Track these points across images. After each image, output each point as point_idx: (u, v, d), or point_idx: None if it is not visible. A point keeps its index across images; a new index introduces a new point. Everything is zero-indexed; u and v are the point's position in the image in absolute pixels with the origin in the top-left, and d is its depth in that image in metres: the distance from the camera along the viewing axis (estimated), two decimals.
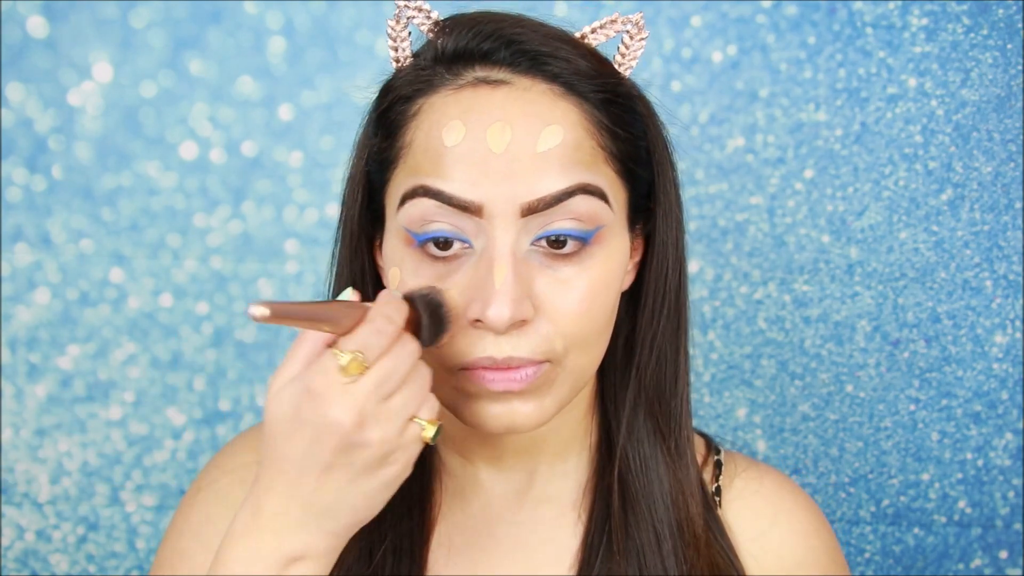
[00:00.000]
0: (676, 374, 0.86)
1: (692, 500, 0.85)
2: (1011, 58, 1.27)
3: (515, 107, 0.75)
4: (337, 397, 0.67)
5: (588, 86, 0.78)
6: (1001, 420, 1.32)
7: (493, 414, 0.77)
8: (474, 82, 0.77)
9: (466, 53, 0.78)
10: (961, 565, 1.34)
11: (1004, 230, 1.30)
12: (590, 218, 0.76)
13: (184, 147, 1.27)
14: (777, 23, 1.27)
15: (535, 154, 0.74)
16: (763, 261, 1.31)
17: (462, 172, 0.74)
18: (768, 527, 0.89)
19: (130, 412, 1.31)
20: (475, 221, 0.75)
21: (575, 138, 0.76)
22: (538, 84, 0.77)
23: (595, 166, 0.77)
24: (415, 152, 0.77)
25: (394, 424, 0.69)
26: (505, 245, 0.74)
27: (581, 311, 0.76)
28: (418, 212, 0.76)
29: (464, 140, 0.74)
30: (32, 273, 1.28)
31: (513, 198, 0.74)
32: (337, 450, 0.68)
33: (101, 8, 1.23)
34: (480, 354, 0.75)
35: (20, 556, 1.32)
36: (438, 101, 0.77)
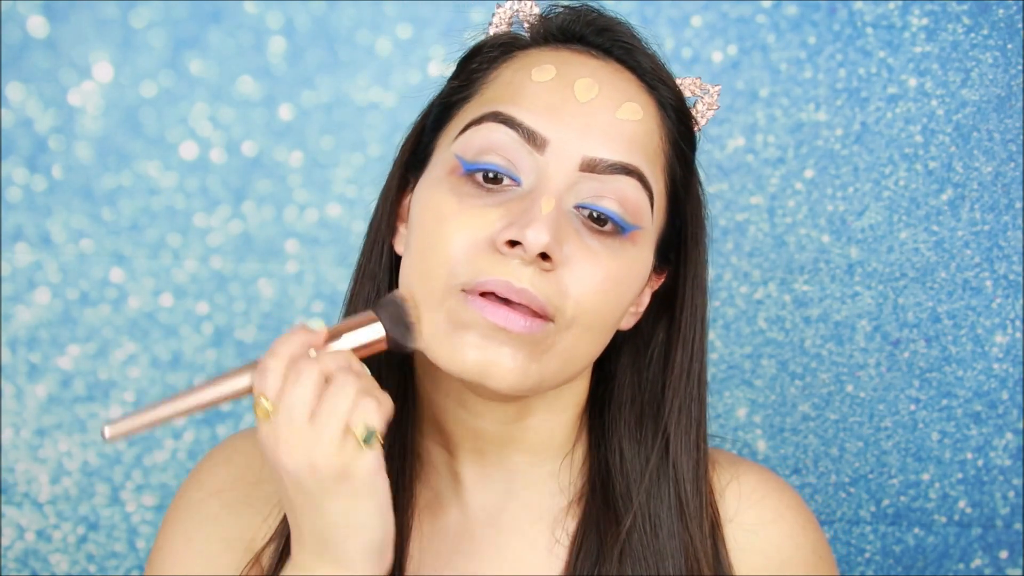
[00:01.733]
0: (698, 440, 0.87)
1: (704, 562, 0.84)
2: (1011, 58, 1.27)
3: (606, 75, 0.78)
4: (268, 442, 0.69)
5: (670, 96, 0.81)
6: (1001, 420, 1.32)
7: (476, 353, 0.74)
8: (574, 48, 0.80)
9: (566, 31, 0.81)
10: (961, 565, 1.34)
11: (1004, 230, 1.30)
12: (634, 211, 0.76)
13: (184, 147, 1.27)
14: (777, 23, 1.27)
15: (613, 117, 0.76)
16: (763, 261, 1.31)
17: (541, 105, 0.76)
18: (754, 524, 0.88)
19: (130, 412, 1.31)
20: (534, 157, 0.75)
21: (649, 127, 0.78)
22: (626, 72, 0.80)
23: (654, 164, 0.79)
24: (496, 87, 0.79)
25: (327, 442, 0.68)
26: (557, 186, 0.75)
27: (600, 287, 0.75)
28: (479, 138, 0.76)
29: (552, 80, 0.77)
30: (32, 273, 1.28)
31: (579, 147, 0.75)
32: (293, 485, 0.70)
33: (101, 8, 1.23)
34: (500, 275, 0.73)
35: (20, 556, 1.32)
36: (533, 51, 0.80)
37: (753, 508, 0.88)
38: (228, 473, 0.89)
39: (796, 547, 0.88)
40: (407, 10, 1.25)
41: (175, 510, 0.89)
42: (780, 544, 0.88)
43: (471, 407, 0.82)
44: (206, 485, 0.89)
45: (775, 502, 0.89)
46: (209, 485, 0.88)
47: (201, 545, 0.85)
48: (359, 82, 1.27)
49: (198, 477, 0.90)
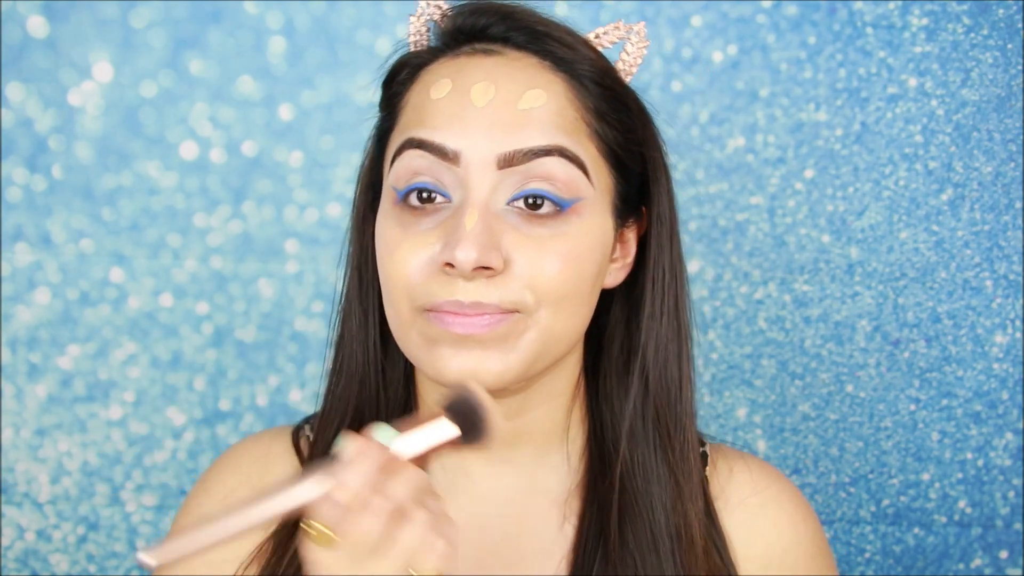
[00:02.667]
0: (680, 379, 0.87)
1: (691, 506, 0.85)
2: (1011, 58, 1.27)
3: (502, 71, 0.79)
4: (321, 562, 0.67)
5: (580, 67, 0.81)
6: (1001, 420, 1.32)
7: (455, 365, 0.76)
8: (469, 51, 0.81)
9: (465, 28, 0.82)
10: (961, 565, 1.35)
11: (1004, 230, 1.30)
12: (567, 185, 0.78)
13: (184, 147, 1.27)
14: (777, 23, 1.27)
15: (516, 111, 0.77)
16: (763, 261, 1.31)
17: (443, 121, 0.78)
18: (756, 517, 0.89)
19: (130, 412, 1.31)
20: (453, 171, 0.77)
21: (558, 106, 0.79)
22: (528, 57, 0.80)
23: (576, 136, 0.79)
24: (407, 112, 0.81)
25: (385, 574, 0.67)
26: (479, 195, 0.77)
27: (554, 270, 0.77)
28: (403, 166, 0.79)
29: (449, 94, 0.78)
30: (32, 273, 1.28)
31: (490, 148, 0.77)
32: None
33: (101, 8, 1.23)
34: (447, 297, 0.76)
35: (20, 556, 1.32)
36: (435, 67, 0.82)
37: (758, 495, 0.89)
38: (236, 480, 0.89)
39: (797, 537, 0.89)
40: (407, 10, 1.25)
41: (183, 516, 0.90)
42: (782, 532, 0.89)
43: None
44: (213, 493, 0.89)
45: (777, 492, 0.90)
46: (215, 492, 0.89)
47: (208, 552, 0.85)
48: (359, 82, 1.27)
49: (205, 485, 0.91)
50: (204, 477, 0.92)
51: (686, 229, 1.30)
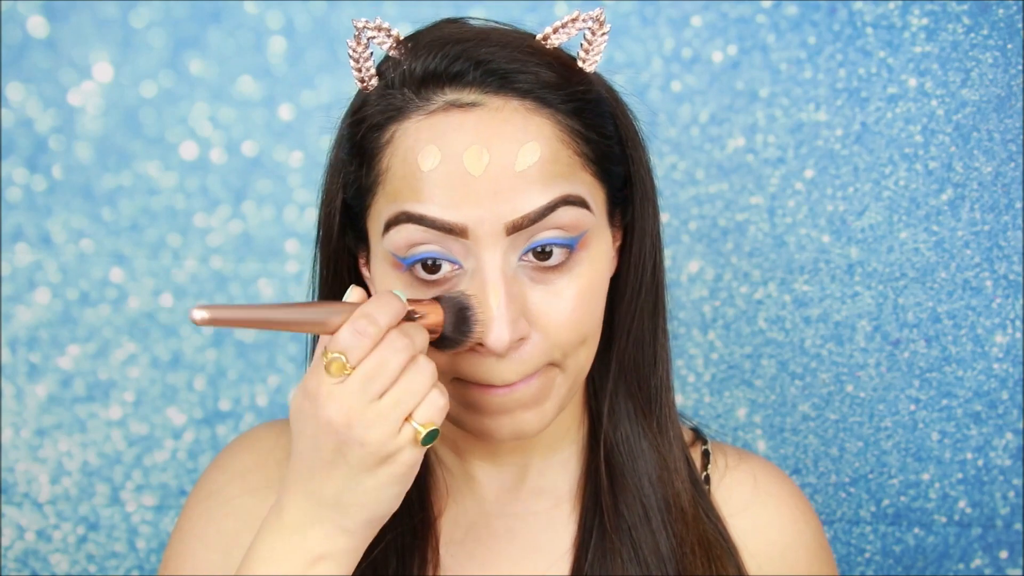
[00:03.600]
0: (655, 353, 0.87)
1: (676, 476, 0.86)
2: (1011, 58, 1.27)
3: (489, 129, 0.75)
4: (325, 398, 0.69)
5: (557, 97, 0.77)
6: (1001, 420, 1.32)
7: (498, 425, 0.77)
8: (445, 106, 0.76)
9: (435, 76, 0.76)
10: (961, 565, 1.34)
11: (1004, 230, 1.29)
12: (574, 226, 0.76)
13: (184, 147, 1.27)
14: (777, 23, 1.27)
15: (515, 173, 0.74)
16: (763, 261, 1.31)
17: (442, 195, 0.74)
18: (757, 513, 0.89)
19: (130, 412, 1.31)
20: (461, 243, 0.75)
21: (552, 151, 0.76)
22: (510, 102, 0.76)
23: (573, 175, 0.77)
24: (392, 179, 0.77)
25: (387, 425, 0.69)
26: (495, 267, 0.74)
27: (574, 320, 0.76)
28: (403, 238, 0.76)
29: (441, 164, 0.74)
30: (32, 273, 1.28)
31: (497, 218, 0.74)
32: (334, 448, 0.69)
33: (101, 8, 1.23)
34: (488, 381, 0.76)
35: (20, 556, 1.32)
36: (411, 127, 0.76)
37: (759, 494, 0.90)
38: (252, 459, 0.90)
39: (798, 534, 0.90)
40: (407, 10, 1.25)
41: (198, 492, 0.91)
42: (782, 531, 0.89)
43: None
44: (229, 469, 0.90)
45: (778, 491, 0.91)
46: (232, 469, 0.90)
47: (224, 525, 0.85)
48: None
49: (221, 462, 0.91)
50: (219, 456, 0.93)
51: (686, 229, 1.30)
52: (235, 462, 0.90)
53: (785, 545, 0.89)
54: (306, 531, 0.71)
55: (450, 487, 0.88)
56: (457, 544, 0.86)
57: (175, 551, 0.88)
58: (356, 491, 0.70)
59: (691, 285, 1.31)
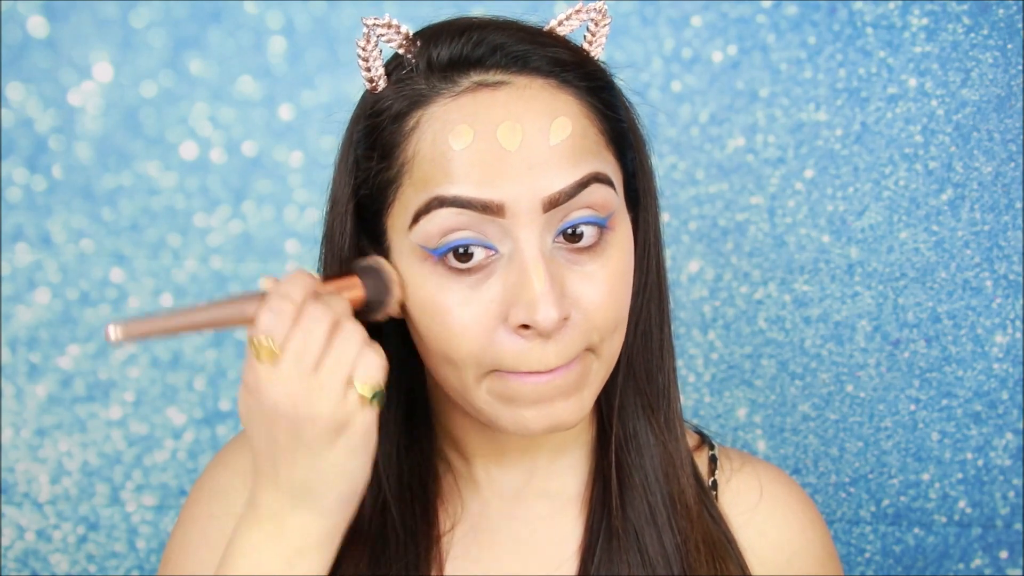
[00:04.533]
0: (661, 350, 0.86)
1: (682, 472, 0.86)
2: (1011, 58, 1.27)
3: (520, 104, 0.74)
4: (264, 385, 0.69)
5: (576, 75, 0.77)
6: (1001, 420, 1.32)
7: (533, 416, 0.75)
8: (472, 87, 0.74)
9: (460, 60, 0.75)
10: (961, 565, 1.34)
11: (1004, 230, 1.30)
12: (603, 206, 0.75)
13: (184, 147, 1.27)
14: (777, 23, 1.27)
15: (549, 147, 0.73)
16: (763, 261, 1.31)
17: (477, 173, 0.72)
18: (764, 519, 0.89)
19: (130, 412, 1.31)
20: (497, 223, 0.73)
21: (580, 127, 0.75)
22: (535, 80, 0.75)
23: (600, 153, 0.76)
24: (421, 165, 0.74)
25: (331, 394, 0.69)
26: (534, 245, 0.73)
27: (609, 302, 0.76)
28: (435, 225, 0.73)
29: (473, 142, 0.72)
30: (32, 273, 1.28)
31: (535, 194, 0.72)
32: (288, 432, 0.69)
33: (101, 8, 1.23)
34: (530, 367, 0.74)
35: (20, 556, 1.32)
36: (438, 111, 0.75)
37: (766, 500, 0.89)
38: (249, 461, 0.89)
39: (806, 541, 0.89)
40: (407, 10, 1.25)
41: (199, 489, 0.90)
42: (791, 536, 0.89)
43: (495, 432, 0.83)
44: (231, 466, 0.89)
45: (786, 497, 0.91)
46: (234, 466, 0.89)
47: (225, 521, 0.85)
48: (359, 82, 1.27)
49: (223, 459, 0.91)
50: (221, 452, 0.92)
51: (686, 229, 1.30)
52: (237, 459, 0.90)
53: (792, 552, 0.89)
54: (283, 521, 0.71)
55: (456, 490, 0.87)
56: (461, 548, 0.86)
57: (176, 549, 0.88)
58: (321, 469, 0.70)
59: (691, 285, 1.31)
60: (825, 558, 0.90)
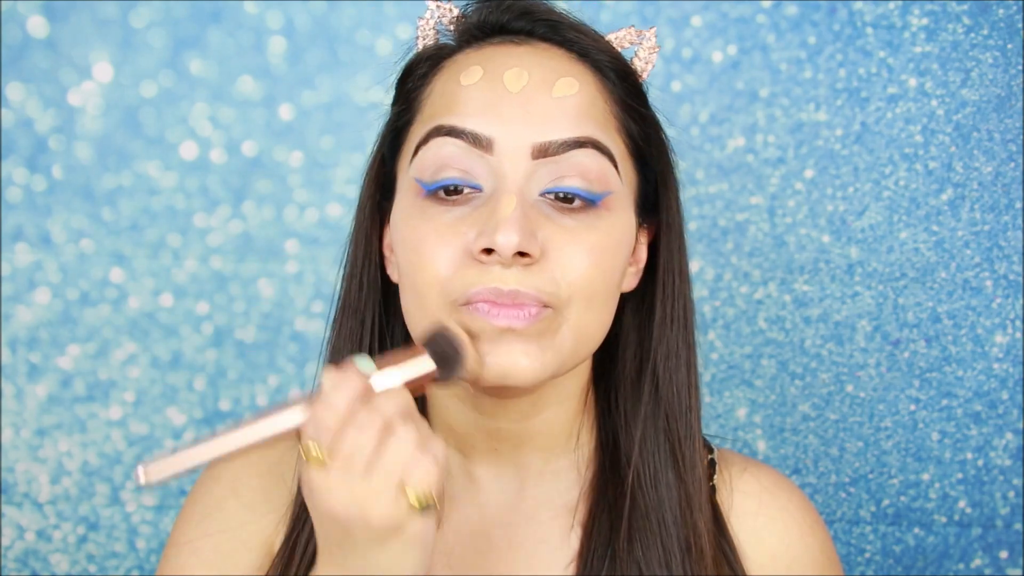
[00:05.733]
0: (689, 387, 0.86)
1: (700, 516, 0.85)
2: (1011, 58, 1.27)
3: (533, 59, 0.78)
4: (319, 490, 0.68)
5: (604, 60, 0.80)
6: (1001, 420, 1.32)
7: (492, 361, 0.75)
8: (496, 41, 0.80)
9: (487, 23, 0.81)
10: (961, 565, 1.34)
11: (1004, 230, 1.30)
12: (599, 178, 0.77)
13: (184, 147, 1.27)
14: (777, 23, 1.27)
15: (550, 98, 0.76)
16: (763, 261, 1.31)
17: (476, 107, 0.76)
18: (764, 524, 0.89)
19: (130, 412, 1.31)
20: (486, 160, 0.75)
21: (590, 95, 0.78)
22: (555, 48, 0.80)
23: (606, 129, 0.78)
24: (432, 100, 0.79)
25: (384, 499, 0.67)
26: (515, 182, 0.75)
27: (586, 263, 0.76)
28: (431, 156, 0.77)
29: (481, 80, 0.77)
30: (32, 273, 1.28)
31: (525, 137, 0.75)
32: (342, 533, 0.68)
33: (101, 8, 1.23)
34: (487, 284, 0.74)
35: (20, 556, 1.32)
36: (460, 57, 0.80)
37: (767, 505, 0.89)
38: (245, 469, 0.88)
39: (806, 547, 0.89)
40: (407, 10, 1.25)
41: (193, 505, 0.89)
42: (790, 542, 0.89)
43: (485, 409, 0.83)
44: (222, 480, 0.89)
45: (786, 501, 0.90)
46: (226, 481, 0.88)
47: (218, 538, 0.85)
48: (359, 82, 1.27)
49: (214, 473, 0.90)
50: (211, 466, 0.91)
51: (686, 229, 1.30)
52: (228, 474, 0.89)
53: (792, 557, 0.89)
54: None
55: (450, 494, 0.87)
56: (457, 555, 0.86)
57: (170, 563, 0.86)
58: (377, 564, 0.69)
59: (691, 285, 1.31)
60: (825, 562, 0.90)
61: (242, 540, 0.85)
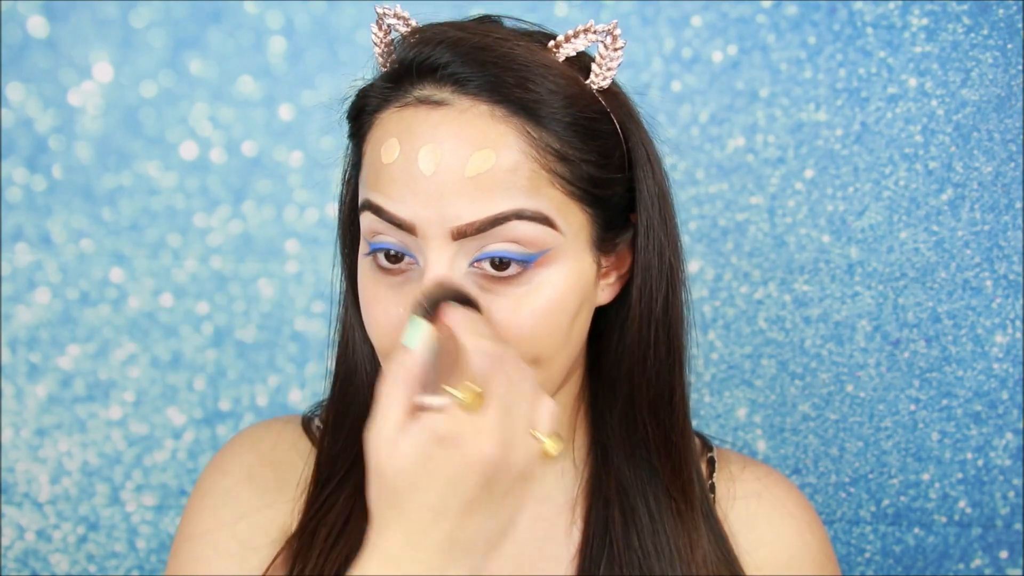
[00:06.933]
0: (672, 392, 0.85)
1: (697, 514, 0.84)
2: (1011, 58, 1.27)
3: (448, 130, 0.74)
4: (473, 436, 0.66)
5: (541, 108, 0.75)
6: (1001, 420, 1.32)
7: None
8: (415, 101, 0.76)
9: (413, 67, 0.77)
10: (961, 565, 1.34)
11: (1004, 230, 1.29)
12: (531, 241, 0.74)
13: (184, 147, 1.27)
14: (777, 23, 1.27)
15: (464, 178, 0.73)
16: (763, 261, 1.31)
17: (396, 190, 0.74)
18: (763, 523, 0.89)
19: (130, 412, 1.31)
20: (413, 239, 0.75)
21: (511, 162, 0.74)
22: (478, 105, 0.75)
23: (536, 190, 0.74)
24: (366, 166, 0.79)
25: (525, 443, 0.67)
26: (439, 267, 0.74)
27: (526, 334, 0.74)
28: (367, 224, 0.77)
29: (398, 159, 0.75)
30: (32, 273, 1.28)
31: (442, 221, 0.73)
32: (481, 485, 0.67)
33: (101, 8, 1.23)
34: None
35: (20, 556, 1.32)
36: (385, 117, 0.78)
37: (765, 503, 0.89)
38: (255, 458, 0.88)
39: (804, 544, 0.89)
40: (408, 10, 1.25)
41: (202, 497, 0.88)
42: (789, 540, 0.89)
43: None
44: (233, 471, 0.88)
45: (785, 500, 0.90)
46: (237, 471, 0.88)
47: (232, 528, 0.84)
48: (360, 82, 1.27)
49: (223, 464, 0.89)
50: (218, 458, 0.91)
51: (686, 229, 1.30)
52: (238, 463, 0.89)
53: (790, 556, 0.89)
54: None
55: None
56: None
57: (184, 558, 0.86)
58: (492, 524, 0.68)
59: (691, 285, 1.30)
60: (824, 561, 0.90)
61: (259, 525, 0.85)
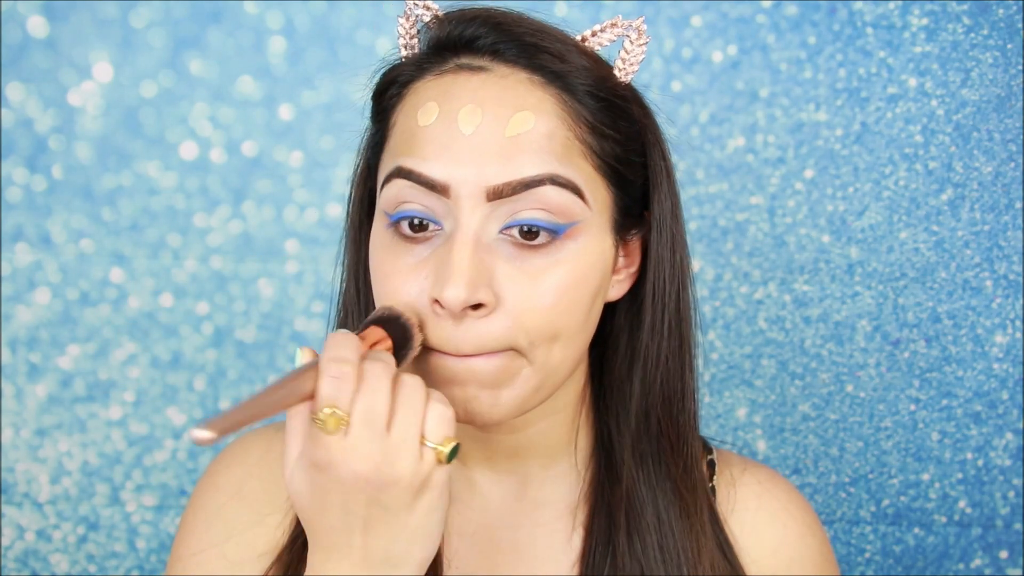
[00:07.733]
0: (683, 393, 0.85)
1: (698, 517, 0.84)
2: (1011, 58, 1.27)
3: (489, 92, 0.75)
4: (338, 457, 0.66)
5: (575, 80, 0.77)
6: (1001, 420, 1.32)
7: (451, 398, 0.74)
8: (455, 68, 0.77)
9: (451, 40, 0.78)
10: (961, 565, 1.35)
11: (1004, 230, 1.30)
12: (562, 211, 0.75)
13: (184, 147, 1.27)
14: (777, 23, 1.27)
15: (504, 138, 0.74)
16: (763, 261, 1.31)
17: (432, 151, 0.74)
18: (763, 525, 0.89)
19: (130, 412, 1.31)
20: (444, 202, 0.74)
21: (548, 128, 0.75)
22: (517, 72, 0.76)
23: (569, 159, 0.75)
24: (396, 134, 0.78)
25: (409, 453, 0.67)
26: (469, 228, 0.74)
27: (546, 305, 0.74)
28: (394, 193, 0.76)
29: (436, 121, 0.75)
30: (32, 273, 1.28)
31: (478, 180, 0.73)
32: (368, 502, 0.67)
33: (101, 8, 1.24)
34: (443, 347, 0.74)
35: (20, 556, 1.32)
36: (421, 86, 0.78)
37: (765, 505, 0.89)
38: (244, 472, 0.88)
39: (805, 546, 0.89)
40: None
41: (195, 514, 0.88)
42: (788, 541, 0.89)
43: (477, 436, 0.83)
44: (225, 487, 0.88)
45: (785, 502, 0.90)
46: (228, 487, 0.88)
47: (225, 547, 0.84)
48: (359, 82, 1.27)
49: (214, 480, 0.89)
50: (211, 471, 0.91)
51: (686, 229, 1.30)
52: (229, 477, 0.88)
53: (790, 557, 0.89)
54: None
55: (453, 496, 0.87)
56: (461, 558, 0.86)
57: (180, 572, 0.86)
58: (403, 535, 0.68)
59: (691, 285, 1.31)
60: (823, 562, 0.90)
61: (249, 543, 0.85)
